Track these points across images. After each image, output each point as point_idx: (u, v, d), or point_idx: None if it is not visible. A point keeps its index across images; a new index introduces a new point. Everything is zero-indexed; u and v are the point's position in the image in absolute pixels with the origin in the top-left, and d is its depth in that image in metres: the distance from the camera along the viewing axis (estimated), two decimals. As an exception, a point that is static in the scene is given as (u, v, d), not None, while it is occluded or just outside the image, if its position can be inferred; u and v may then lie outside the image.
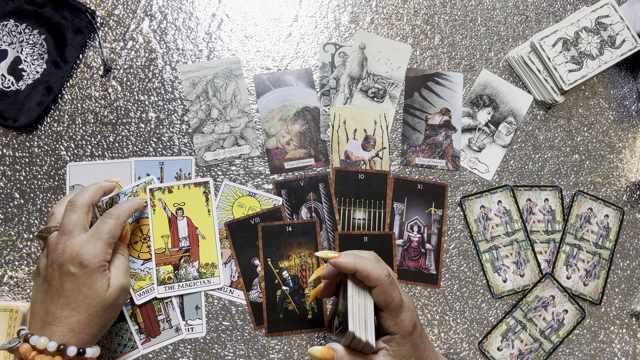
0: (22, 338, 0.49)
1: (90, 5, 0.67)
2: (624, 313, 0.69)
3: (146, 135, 0.66)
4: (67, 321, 0.49)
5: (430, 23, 0.72)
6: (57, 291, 0.50)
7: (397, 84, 0.70)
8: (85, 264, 0.50)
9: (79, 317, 0.50)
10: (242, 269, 0.64)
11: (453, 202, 0.68)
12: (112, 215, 0.54)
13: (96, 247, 0.51)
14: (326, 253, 0.47)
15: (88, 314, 0.50)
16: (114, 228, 0.54)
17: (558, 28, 0.69)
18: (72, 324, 0.49)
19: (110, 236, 0.53)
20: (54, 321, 0.49)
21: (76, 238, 0.51)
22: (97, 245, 0.51)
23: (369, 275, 0.45)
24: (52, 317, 0.49)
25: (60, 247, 0.51)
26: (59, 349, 0.48)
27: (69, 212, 0.53)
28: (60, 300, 0.50)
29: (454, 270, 0.67)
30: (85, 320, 0.50)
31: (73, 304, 0.50)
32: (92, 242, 0.51)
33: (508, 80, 0.71)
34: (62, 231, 0.52)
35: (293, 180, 0.66)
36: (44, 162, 0.64)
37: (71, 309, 0.50)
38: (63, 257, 0.50)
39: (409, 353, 0.46)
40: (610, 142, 0.72)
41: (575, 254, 0.68)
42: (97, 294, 0.51)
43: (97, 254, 0.51)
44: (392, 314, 0.46)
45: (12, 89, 0.64)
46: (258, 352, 0.63)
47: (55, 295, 0.50)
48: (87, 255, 0.50)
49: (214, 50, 0.68)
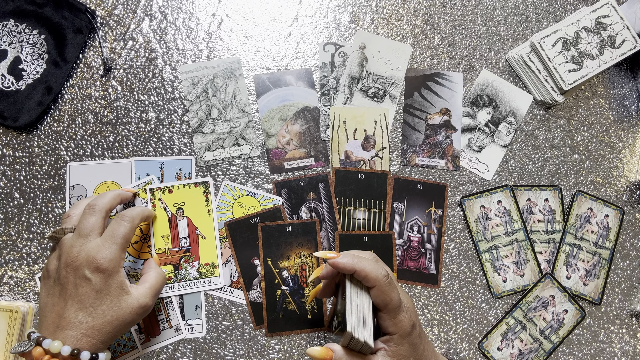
0: (34, 341, 0.47)
1: (90, 5, 0.67)
2: (624, 313, 0.69)
3: (146, 135, 0.66)
4: (82, 326, 0.48)
5: (430, 23, 0.72)
6: (71, 295, 0.49)
7: (397, 84, 0.70)
8: (101, 268, 0.49)
9: (94, 322, 0.48)
10: (242, 269, 0.64)
11: (453, 202, 0.68)
12: (127, 218, 0.53)
13: (112, 251, 0.50)
14: (325, 253, 0.47)
15: (103, 321, 0.49)
16: (128, 232, 0.53)
17: (558, 28, 0.69)
18: (87, 329, 0.48)
19: (125, 240, 0.52)
20: (68, 325, 0.48)
21: (92, 242, 0.50)
22: (112, 250, 0.50)
23: (368, 275, 0.45)
24: (66, 322, 0.48)
25: (76, 249, 0.50)
26: (73, 353, 0.47)
27: (87, 215, 0.52)
28: (74, 305, 0.48)
29: (454, 270, 0.67)
30: (99, 326, 0.49)
31: (88, 309, 0.49)
32: (107, 247, 0.50)
33: (508, 80, 0.71)
34: (78, 234, 0.51)
35: (293, 180, 0.66)
36: (44, 162, 0.64)
37: (86, 314, 0.48)
38: (78, 260, 0.49)
39: (408, 353, 0.46)
40: (610, 142, 0.72)
41: (575, 254, 0.68)
42: (113, 304, 0.50)
43: (113, 258, 0.50)
44: (391, 314, 0.46)
45: (12, 88, 0.64)
46: (258, 352, 0.63)
47: (70, 299, 0.49)
48: (103, 260, 0.49)
49: (214, 50, 0.68)
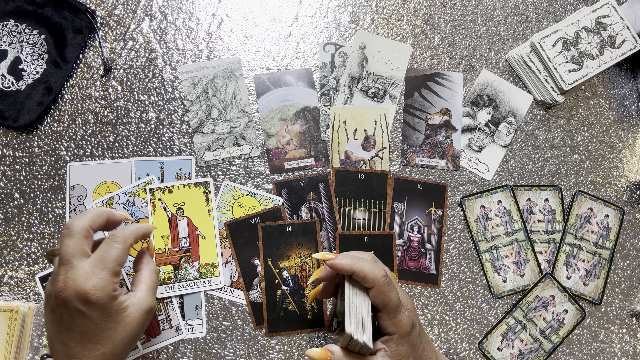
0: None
1: (90, 5, 0.67)
2: (624, 313, 0.69)
3: (146, 135, 0.66)
4: (92, 354, 0.45)
5: (430, 23, 0.72)
6: (69, 326, 0.45)
7: (397, 84, 0.70)
8: (92, 300, 0.44)
9: (104, 349, 0.45)
10: (242, 269, 0.64)
11: (453, 202, 0.68)
12: (118, 239, 0.47)
13: (102, 278, 0.45)
14: (323, 255, 0.47)
15: (113, 344, 0.46)
16: (120, 254, 0.47)
17: (558, 28, 0.69)
18: (97, 356, 0.45)
19: (117, 264, 0.46)
20: (77, 355, 0.45)
21: (78, 269, 0.44)
22: (102, 276, 0.45)
23: (366, 276, 0.45)
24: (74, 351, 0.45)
25: (61, 279, 0.44)
26: None
27: (65, 238, 0.46)
28: (76, 336, 0.45)
29: (454, 270, 0.67)
30: (110, 350, 0.46)
31: (92, 338, 0.45)
32: (97, 273, 0.45)
33: (508, 80, 0.72)
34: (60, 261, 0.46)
35: (293, 180, 0.66)
36: (44, 162, 0.64)
37: (92, 343, 0.45)
38: (65, 292, 0.44)
39: (408, 353, 0.46)
40: (610, 142, 0.72)
41: (575, 254, 0.68)
42: (117, 324, 0.46)
43: (104, 286, 0.45)
44: (390, 314, 0.46)
45: (12, 89, 0.64)
46: (258, 352, 0.63)
47: (70, 330, 0.45)
48: (93, 290, 0.44)
49: (214, 50, 0.68)
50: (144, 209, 0.64)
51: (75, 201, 0.63)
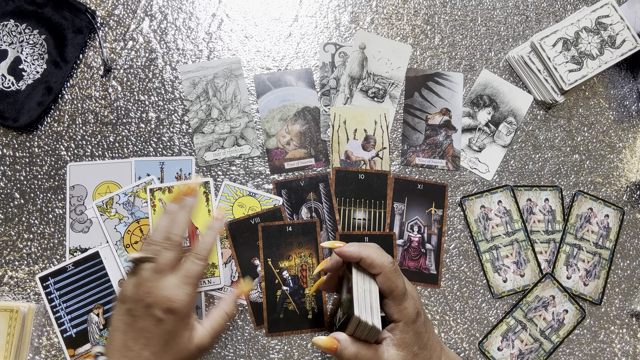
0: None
1: (90, 5, 0.67)
2: (624, 313, 0.69)
3: (146, 135, 0.66)
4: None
5: (430, 23, 0.72)
6: (140, 329, 0.47)
7: (397, 84, 0.70)
8: (174, 310, 0.47)
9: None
10: (242, 269, 0.64)
11: (453, 202, 0.68)
12: (201, 257, 0.50)
13: (187, 292, 0.48)
14: (332, 243, 0.48)
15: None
16: (202, 271, 0.50)
17: (558, 28, 0.69)
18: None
19: (199, 280, 0.50)
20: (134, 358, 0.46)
21: (167, 280, 0.47)
22: (187, 290, 0.48)
23: (374, 262, 0.46)
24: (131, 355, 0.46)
25: (150, 285, 0.47)
26: None
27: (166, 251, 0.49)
28: (141, 340, 0.47)
29: (454, 270, 0.67)
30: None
31: (153, 348, 0.47)
32: (183, 288, 0.48)
33: (508, 80, 0.72)
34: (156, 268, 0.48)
35: (293, 180, 0.66)
36: (44, 162, 0.64)
37: (151, 353, 0.47)
38: (150, 298, 0.46)
39: (412, 341, 0.47)
40: (611, 142, 0.72)
41: (575, 254, 0.68)
42: (177, 346, 0.48)
43: (187, 300, 0.47)
44: (396, 301, 0.46)
45: (12, 89, 0.64)
46: (258, 352, 0.63)
47: (138, 333, 0.47)
48: (177, 302, 0.47)
49: (214, 50, 0.68)
50: (144, 209, 0.64)
51: (76, 201, 0.63)
